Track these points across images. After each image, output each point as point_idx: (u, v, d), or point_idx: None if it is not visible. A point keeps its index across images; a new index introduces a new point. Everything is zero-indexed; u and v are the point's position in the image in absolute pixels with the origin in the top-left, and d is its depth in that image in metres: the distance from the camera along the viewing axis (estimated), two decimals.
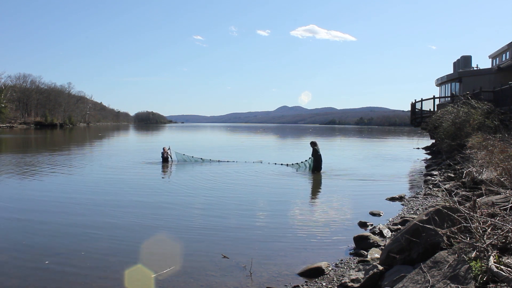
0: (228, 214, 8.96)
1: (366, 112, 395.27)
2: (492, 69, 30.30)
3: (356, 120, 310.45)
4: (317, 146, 16.12)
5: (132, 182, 13.75)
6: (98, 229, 7.64)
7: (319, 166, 15.88)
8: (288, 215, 9.06)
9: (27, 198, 10.70)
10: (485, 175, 8.78)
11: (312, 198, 11.49)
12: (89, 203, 10.03)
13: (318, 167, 15.86)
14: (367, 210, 9.11)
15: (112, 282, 5.17)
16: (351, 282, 4.81)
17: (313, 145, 16.15)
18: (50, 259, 5.96)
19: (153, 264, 5.67)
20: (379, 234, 7.05)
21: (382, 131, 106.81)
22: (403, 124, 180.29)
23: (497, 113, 16.55)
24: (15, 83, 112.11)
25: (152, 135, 63.05)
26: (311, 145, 16.26)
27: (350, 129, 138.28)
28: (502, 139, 11.32)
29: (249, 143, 40.03)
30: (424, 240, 4.57)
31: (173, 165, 18.46)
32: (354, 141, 50.31)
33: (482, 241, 3.86)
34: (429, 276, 3.68)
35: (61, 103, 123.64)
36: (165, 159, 19.02)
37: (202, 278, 5.30)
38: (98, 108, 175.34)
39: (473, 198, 5.34)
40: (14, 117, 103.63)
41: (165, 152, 19.17)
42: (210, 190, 12.11)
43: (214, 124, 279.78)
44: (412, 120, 29.02)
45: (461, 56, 34.39)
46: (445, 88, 32.49)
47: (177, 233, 7.38)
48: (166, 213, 9.10)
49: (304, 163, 17.17)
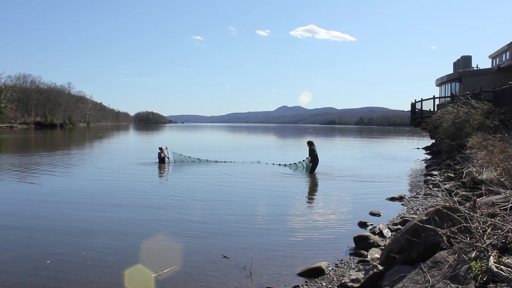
0: (228, 214, 8.96)
1: (366, 112, 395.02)
2: (492, 69, 30.30)
3: (356, 120, 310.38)
4: (313, 145, 15.85)
5: (131, 182, 13.74)
6: (98, 229, 7.64)
7: (315, 167, 15.64)
8: (288, 215, 9.06)
9: (27, 198, 10.69)
10: (485, 175, 8.78)
11: (312, 198, 11.49)
12: (89, 203, 10.04)
13: (313, 167, 15.62)
14: (367, 210, 9.11)
15: (112, 282, 5.17)
16: (351, 282, 4.81)
17: (309, 145, 15.87)
18: (50, 259, 5.97)
19: (153, 264, 5.67)
20: (379, 234, 7.05)
21: (382, 131, 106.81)
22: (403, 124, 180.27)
23: (497, 113, 16.55)
24: (15, 83, 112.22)
25: (152, 135, 63.05)
26: (308, 144, 16.01)
27: (350, 129, 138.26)
28: (502, 139, 11.32)
29: (249, 143, 40.04)
30: (424, 240, 4.57)
31: (170, 165, 18.30)
32: (354, 141, 50.30)
33: (482, 241, 3.86)
34: (429, 276, 3.68)
35: (61, 103, 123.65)
36: (161, 159, 18.79)
37: (202, 278, 5.30)
38: (98, 108, 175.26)
39: (473, 198, 5.34)
40: (14, 117, 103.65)
41: (162, 152, 18.92)
42: (209, 190, 12.12)
43: (214, 124, 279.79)
44: (412, 120, 29.02)
45: (461, 56, 34.40)
46: (445, 88, 32.50)
47: (177, 233, 7.38)
48: (166, 213, 9.11)
49: (301, 163, 17.04)
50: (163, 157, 18.86)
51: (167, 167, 17.95)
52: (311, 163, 15.76)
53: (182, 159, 19.36)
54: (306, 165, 16.42)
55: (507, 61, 27.93)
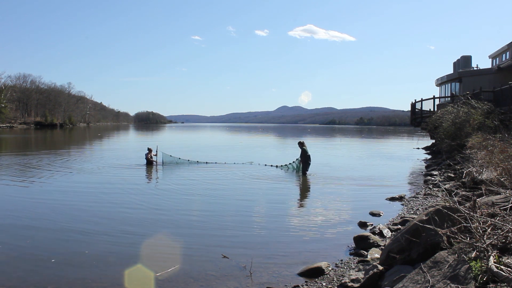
0: (228, 214, 8.97)
1: (366, 112, 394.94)
2: (492, 69, 30.30)
3: (356, 120, 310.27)
4: (305, 146, 15.41)
5: (130, 182, 13.74)
6: (98, 229, 7.64)
7: (307, 168, 15.15)
8: (288, 215, 9.07)
9: (27, 199, 10.69)
10: (485, 175, 8.77)
11: (311, 198, 11.48)
12: (88, 203, 10.04)
13: (305, 167, 15.14)
14: (367, 210, 9.11)
15: (112, 282, 5.17)
16: (351, 282, 4.81)
17: (301, 145, 15.40)
18: (51, 259, 5.97)
19: (153, 264, 5.67)
20: (379, 234, 7.05)
21: (382, 131, 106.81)
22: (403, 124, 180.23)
23: (497, 113, 16.55)
24: (15, 83, 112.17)
25: (151, 135, 63.04)
26: (299, 145, 15.55)
27: (350, 129, 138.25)
28: (502, 139, 11.32)
29: (248, 143, 40.05)
30: (424, 240, 4.57)
31: (159, 166, 17.54)
32: (354, 141, 50.30)
33: (482, 241, 3.86)
34: (429, 276, 3.68)
35: (61, 103, 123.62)
36: (149, 161, 17.99)
37: (202, 278, 5.30)
38: (98, 108, 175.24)
39: (473, 198, 5.34)
40: (14, 117, 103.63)
41: (149, 153, 18.10)
42: (209, 190, 12.12)
43: (214, 124, 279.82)
44: (412, 120, 29.03)
45: (461, 56, 34.41)
46: (445, 88, 32.50)
47: (177, 233, 7.38)
48: (166, 213, 9.11)
49: (292, 165, 16.62)
50: (151, 159, 18.05)
51: (155, 168, 17.27)
52: (301, 164, 15.39)
53: (172, 161, 18.56)
54: (296, 166, 16.08)
55: (507, 61, 27.93)
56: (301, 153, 15.44)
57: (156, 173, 16.25)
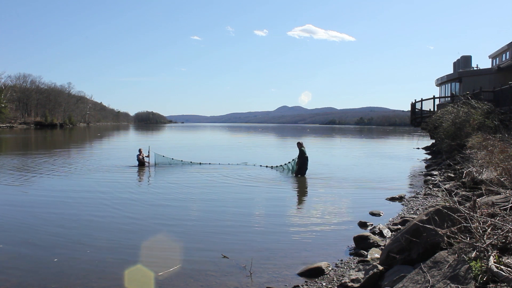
0: (228, 215, 8.96)
1: (366, 112, 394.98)
2: (492, 69, 30.29)
3: (356, 120, 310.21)
4: (304, 147, 15.25)
5: (129, 182, 13.74)
6: (98, 229, 7.65)
7: (305, 169, 14.94)
8: (288, 215, 9.07)
9: (27, 199, 10.70)
10: (485, 175, 8.77)
11: (311, 199, 11.47)
12: (89, 204, 10.05)
13: (303, 169, 14.93)
14: (367, 210, 9.11)
15: (112, 282, 5.17)
16: (351, 282, 4.80)
17: (299, 146, 15.22)
18: (51, 258, 5.97)
19: (153, 264, 5.68)
20: (379, 234, 7.05)
21: (382, 131, 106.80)
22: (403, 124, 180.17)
23: (497, 113, 16.55)
24: (15, 83, 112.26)
25: (151, 135, 63.03)
26: (297, 146, 15.38)
27: (350, 129, 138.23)
28: (502, 139, 11.32)
29: (247, 143, 40.03)
30: (424, 240, 4.57)
31: (152, 168, 17.28)
32: (353, 141, 50.29)
33: (482, 241, 3.86)
34: (429, 276, 3.67)
35: (61, 103, 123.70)
36: (141, 162, 17.59)
37: (202, 278, 5.30)
38: (98, 108, 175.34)
39: (473, 198, 5.33)
40: (14, 117, 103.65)
41: (141, 154, 17.68)
42: (208, 190, 12.12)
43: (214, 124, 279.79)
44: (412, 120, 29.00)
45: (461, 56, 34.40)
46: (445, 88, 32.49)
47: (177, 233, 7.38)
48: (166, 214, 9.10)
49: (287, 165, 16.41)
50: (143, 160, 17.65)
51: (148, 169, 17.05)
52: (297, 165, 15.16)
53: (165, 162, 18.24)
54: (292, 167, 15.84)
55: (507, 61, 27.93)
56: (299, 154, 15.25)
57: (149, 173, 16.06)
